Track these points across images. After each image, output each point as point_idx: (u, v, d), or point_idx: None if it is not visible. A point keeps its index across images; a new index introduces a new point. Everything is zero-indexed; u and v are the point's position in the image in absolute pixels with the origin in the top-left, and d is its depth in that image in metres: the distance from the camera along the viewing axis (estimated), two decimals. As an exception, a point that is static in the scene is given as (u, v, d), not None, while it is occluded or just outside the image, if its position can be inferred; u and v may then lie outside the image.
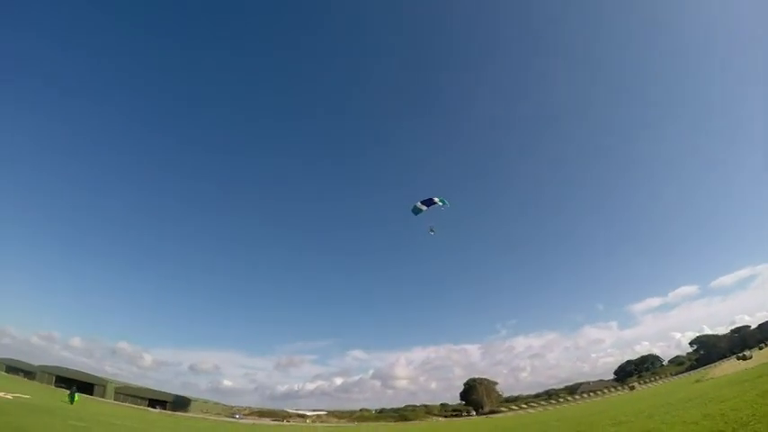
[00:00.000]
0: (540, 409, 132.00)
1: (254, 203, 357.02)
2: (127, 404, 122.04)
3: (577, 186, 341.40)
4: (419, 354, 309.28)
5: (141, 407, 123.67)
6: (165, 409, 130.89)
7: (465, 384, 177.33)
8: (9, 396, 44.13)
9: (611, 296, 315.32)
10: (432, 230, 38.01)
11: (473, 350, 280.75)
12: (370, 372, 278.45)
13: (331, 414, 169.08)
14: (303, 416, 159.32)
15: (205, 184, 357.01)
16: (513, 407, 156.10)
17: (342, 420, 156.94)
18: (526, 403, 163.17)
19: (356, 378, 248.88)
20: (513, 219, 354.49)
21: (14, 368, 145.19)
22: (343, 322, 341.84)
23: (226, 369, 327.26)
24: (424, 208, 36.78)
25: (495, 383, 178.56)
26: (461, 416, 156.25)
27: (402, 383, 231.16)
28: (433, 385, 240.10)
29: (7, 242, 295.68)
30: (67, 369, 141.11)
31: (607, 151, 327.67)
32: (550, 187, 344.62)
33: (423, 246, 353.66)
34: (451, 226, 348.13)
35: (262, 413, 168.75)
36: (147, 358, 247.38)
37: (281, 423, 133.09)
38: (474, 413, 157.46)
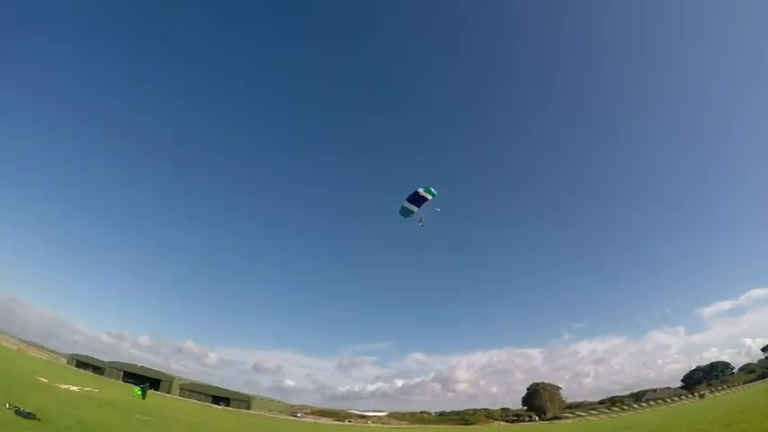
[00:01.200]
0: (604, 416, 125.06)
1: (322, 208, 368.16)
2: (191, 400, 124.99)
3: (654, 190, 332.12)
4: (480, 357, 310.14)
5: (205, 403, 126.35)
6: (227, 405, 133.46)
7: (528, 389, 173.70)
8: (77, 389, 44.40)
9: (679, 299, 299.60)
10: (421, 222, 32.38)
11: (535, 354, 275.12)
12: (431, 374, 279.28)
13: (391, 415, 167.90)
14: (364, 416, 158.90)
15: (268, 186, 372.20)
16: (578, 413, 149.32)
17: (402, 422, 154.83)
18: (589, 410, 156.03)
19: (417, 380, 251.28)
20: (582, 220, 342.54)
21: (84, 363, 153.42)
22: (404, 325, 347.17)
23: (288, 369, 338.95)
24: (415, 209, 31.45)
25: (559, 388, 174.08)
26: (524, 421, 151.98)
27: (462, 387, 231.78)
28: (494, 389, 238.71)
29: (82, 245, 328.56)
30: (135, 365, 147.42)
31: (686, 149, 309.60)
32: (622, 191, 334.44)
33: (485, 248, 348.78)
34: (516, 226, 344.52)
35: (323, 413, 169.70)
36: (212, 357, 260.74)
37: (341, 423, 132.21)
38: (537, 418, 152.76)
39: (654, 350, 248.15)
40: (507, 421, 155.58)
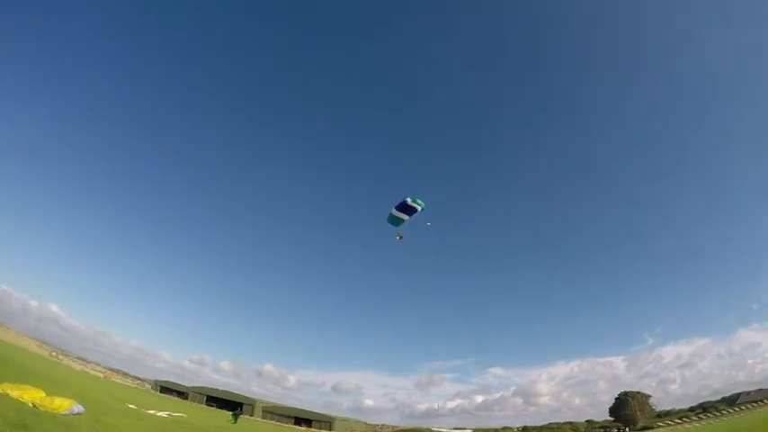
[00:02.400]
0: (699, 424, 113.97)
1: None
2: (274, 422, 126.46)
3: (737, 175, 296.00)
4: (561, 369, 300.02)
5: (288, 425, 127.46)
6: (310, 426, 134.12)
7: (616, 399, 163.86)
8: (164, 414, 44.54)
9: (766, 294, 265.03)
10: (399, 237, 30.70)
11: (617, 362, 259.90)
12: (511, 389, 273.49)
13: None
14: None
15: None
16: (669, 422, 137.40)
17: None
18: (681, 418, 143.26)
19: (497, 395, 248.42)
20: (656, 216, 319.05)
21: (168, 389, 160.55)
22: (481, 340, 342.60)
23: (367, 389, 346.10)
24: (406, 217, 30.02)
25: (649, 396, 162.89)
26: None
27: (544, 400, 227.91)
28: (577, 401, 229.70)
29: (163, 275, 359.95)
30: (217, 390, 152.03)
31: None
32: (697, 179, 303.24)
33: (558, 254, 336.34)
34: (591, 226, 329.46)
35: (405, 431, 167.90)
36: (292, 379, 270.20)
37: None
38: (627, 430, 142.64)
39: (743, 350, 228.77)
40: None
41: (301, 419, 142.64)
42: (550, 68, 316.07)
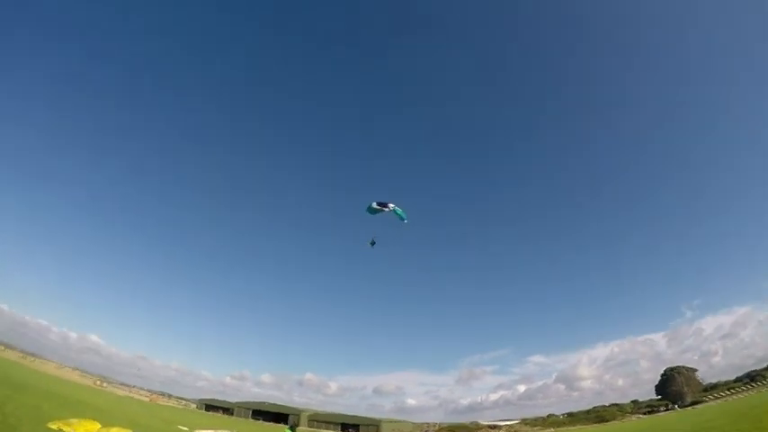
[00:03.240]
0: (747, 393, 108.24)
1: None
2: (321, 431, 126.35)
3: None
4: (602, 351, 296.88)
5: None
6: (357, 431, 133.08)
7: (661, 376, 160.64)
8: (216, 432, 44.06)
9: None
10: (372, 243, 30.31)
11: (657, 339, 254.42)
12: (553, 375, 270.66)
13: (523, 422, 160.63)
14: (495, 427, 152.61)
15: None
16: (720, 394, 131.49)
17: (535, 428, 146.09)
18: (729, 389, 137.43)
19: (539, 384, 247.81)
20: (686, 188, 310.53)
21: (213, 406, 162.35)
22: (519, 329, 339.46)
23: (408, 388, 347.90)
24: (383, 209, 29.71)
25: (695, 371, 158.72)
26: (660, 411, 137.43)
27: (587, 384, 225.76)
28: (620, 382, 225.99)
29: (196, 296, 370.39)
30: (262, 403, 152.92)
31: None
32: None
33: (590, 235, 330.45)
34: (621, 205, 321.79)
35: (452, 428, 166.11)
36: (333, 386, 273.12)
37: None
38: (676, 406, 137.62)
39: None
40: (644, 413, 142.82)
41: (348, 425, 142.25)
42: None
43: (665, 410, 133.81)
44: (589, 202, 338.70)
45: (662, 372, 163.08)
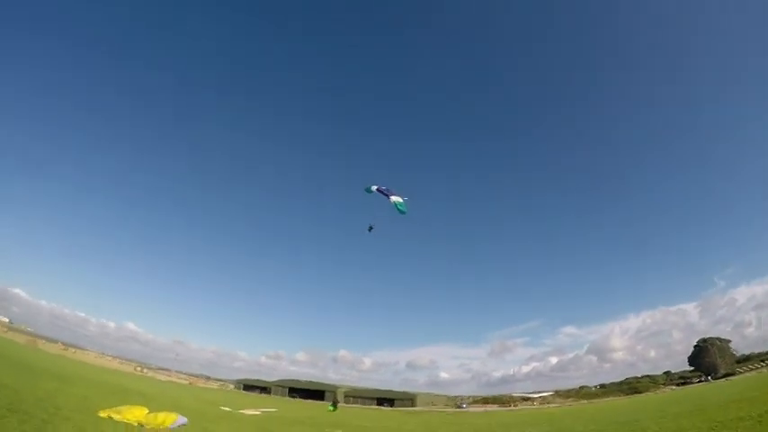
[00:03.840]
0: None
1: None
2: (357, 405, 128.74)
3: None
4: (633, 321, 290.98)
5: (372, 406, 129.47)
6: (392, 406, 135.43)
7: (694, 347, 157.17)
8: (259, 412, 45.08)
9: None
10: (370, 228, 28.68)
11: (689, 310, 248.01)
12: (585, 347, 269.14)
13: (556, 394, 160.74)
14: (529, 399, 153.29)
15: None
16: (754, 365, 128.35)
17: (568, 400, 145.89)
18: (763, 360, 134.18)
19: (571, 355, 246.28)
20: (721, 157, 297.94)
21: (251, 386, 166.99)
22: (550, 300, 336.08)
23: (441, 362, 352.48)
24: (376, 192, 28.18)
25: (728, 342, 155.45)
26: (692, 383, 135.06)
27: (619, 355, 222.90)
28: (652, 353, 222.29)
29: (228, 278, 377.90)
30: (298, 381, 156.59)
31: None
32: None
33: (619, 202, 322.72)
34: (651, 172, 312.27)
35: (486, 400, 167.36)
36: (367, 362, 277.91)
37: (510, 408, 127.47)
38: (709, 378, 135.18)
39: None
40: (677, 385, 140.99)
41: (384, 399, 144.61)
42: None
43: (699, 382, 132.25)
44: (629, 171, 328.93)
45: (695, 343, 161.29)
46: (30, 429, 12.10)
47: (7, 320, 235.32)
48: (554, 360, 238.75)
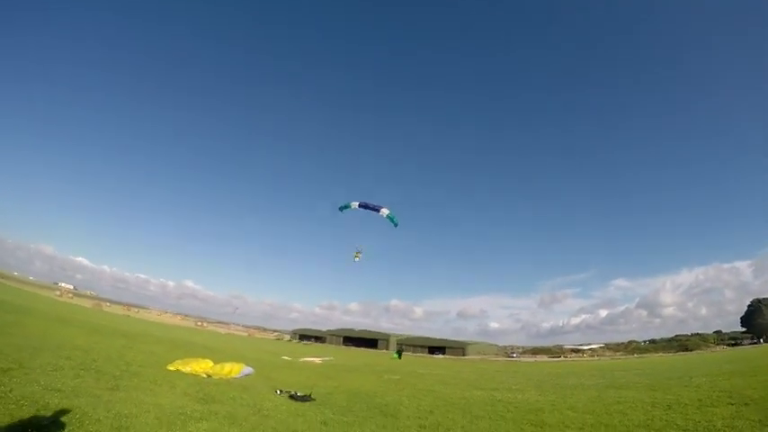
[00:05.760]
0: None
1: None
2: (410, 354, 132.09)
3: None
4: (686, 277, 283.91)
5: (423, 354, 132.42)
6: (444, 354, 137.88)
7: (748, 306, 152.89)
8: (319, 360, 46.51)
9: None
10: (357, 255, 26.67)
11: (743, 268, 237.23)
12: (635, 300, 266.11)
13: (606, 347, 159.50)
14: (578, 350, 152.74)
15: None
16: None
17: (618, 353, 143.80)
18: None
19: (620, 309, 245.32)
20: None
21: (306, 336, 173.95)
22: (602, 251, 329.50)
23: (491, 312, 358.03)
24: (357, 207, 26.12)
25: None
26: (742, 344, 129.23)
27: (669, 311, 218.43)
28: (703, 311, 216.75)
29: (283, 231, 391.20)
30: (352, 330, 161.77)
31: None
32: None
33: (678, 152, 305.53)
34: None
35: (535, 351, 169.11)
36: (418, 311, 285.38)
37: (561, 360, 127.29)
38: (761, 341, 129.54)
39: None
40: (729, 345, 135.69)
41: (435, 348, 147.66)
42: None
43: (750, 344, 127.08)
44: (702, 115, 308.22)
45: (748, 303, 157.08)
46: (104, 385, 12.32)
47: (72, 287, 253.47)
48: (603, 313, 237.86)
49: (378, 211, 26.36)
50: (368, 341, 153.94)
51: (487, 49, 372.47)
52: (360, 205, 26.81)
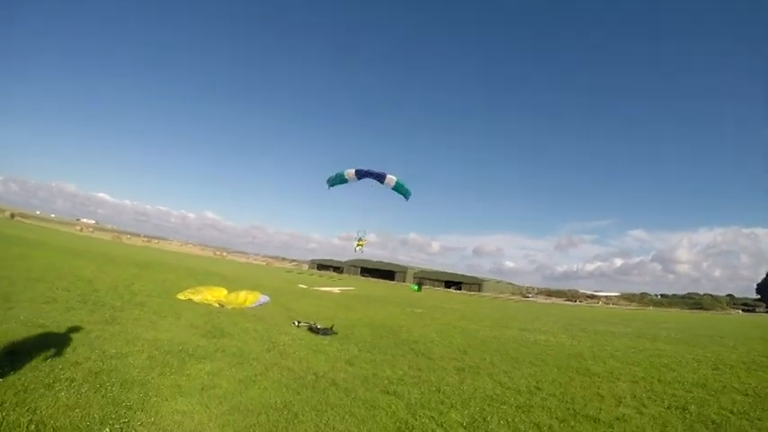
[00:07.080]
0: None
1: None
2: (426, 287, 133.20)
3: None
4: (704, 236, 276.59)
5: (440, 288, 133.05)
6: (459, 289, 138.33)
7: (767, 274, 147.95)
8: (338, 290, 45.99)
9: None
10: (360, 243, 22.28)
11: (763, 235, 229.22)
12: (651, 254, 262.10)
13: (622, 297, 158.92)
14: (594, 297, 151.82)
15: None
16: None
17: (632, 303, 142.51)
18: None
19: (636, 260, 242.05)
20: None
21: (324, 266, 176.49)
22: (623, 199, 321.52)
23: (507, 251, 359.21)
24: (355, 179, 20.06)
25: None
26: (758, 311, 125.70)
27: (683, 268, 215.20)
28: (717, 273, 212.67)
29: (300, 162, 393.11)
30: (369, 261, 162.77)
31: None
32: None
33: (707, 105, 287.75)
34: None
35: (550, 293, 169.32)
36: (435, 245, 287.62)
37: (576, 304, 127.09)
38: None
39: None
40: (743, 310, 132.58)
41: (451, 282, 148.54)
42: None
43: (766, 311, 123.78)
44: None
45: (763, 270, 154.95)
46: (98, 319, 10.90)
47: (93, 222, 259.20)
48: (618, 262, 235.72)
49: (382, 180, 20.82)
50: (385, 273, 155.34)
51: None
52: (358, 173, 21.10)
